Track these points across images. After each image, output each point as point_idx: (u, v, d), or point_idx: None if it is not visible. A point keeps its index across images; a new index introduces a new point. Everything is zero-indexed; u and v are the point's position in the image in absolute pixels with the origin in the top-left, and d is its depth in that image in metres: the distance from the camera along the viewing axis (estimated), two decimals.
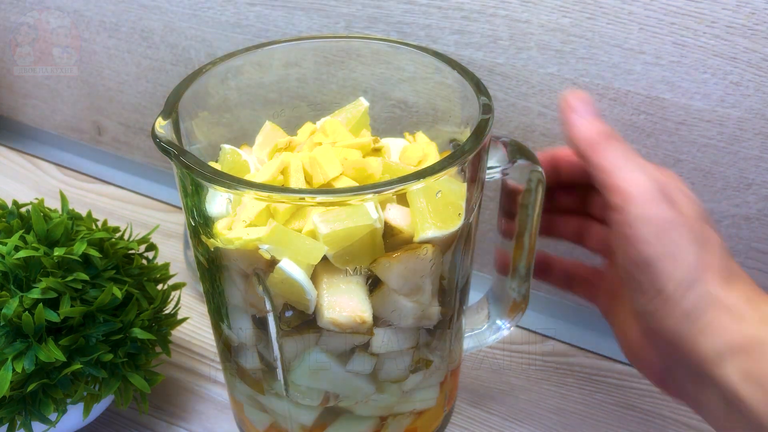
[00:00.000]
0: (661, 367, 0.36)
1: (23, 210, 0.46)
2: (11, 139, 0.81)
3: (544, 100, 0.48)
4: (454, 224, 0.33)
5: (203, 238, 0.34)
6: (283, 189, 0.32)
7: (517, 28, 0.47)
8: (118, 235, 0.47)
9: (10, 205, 0.47)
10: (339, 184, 0.34)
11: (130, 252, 0.47)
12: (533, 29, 0.46)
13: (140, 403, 0.45)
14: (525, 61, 0.48)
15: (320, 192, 0.32)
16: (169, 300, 0.47)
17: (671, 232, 0.32)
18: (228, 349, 0.39)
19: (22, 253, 0.40)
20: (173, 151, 0.31)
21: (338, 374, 0.35)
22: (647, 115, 0.46)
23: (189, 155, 0.31)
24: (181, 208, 0.69)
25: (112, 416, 0.49)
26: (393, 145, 0.39)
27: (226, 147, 0.39)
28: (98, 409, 0.45)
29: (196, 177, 0.30)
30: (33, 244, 0.41)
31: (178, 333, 0.54)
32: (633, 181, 0.33)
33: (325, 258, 0.31)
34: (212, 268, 0.35)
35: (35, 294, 0.39)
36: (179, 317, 0.48)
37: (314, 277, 0.32)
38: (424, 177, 0.30)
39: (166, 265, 0.48)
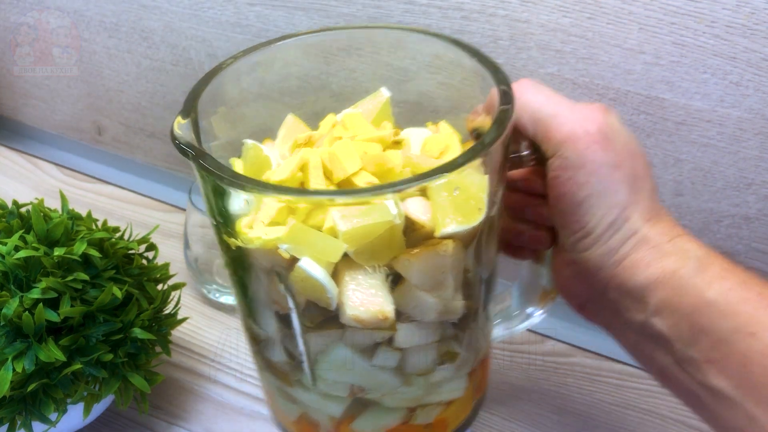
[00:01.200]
0: (584, 297, 0.38)
1: (23, 210, 0.46)
2: (11, 139, 0.81)
3: None
4: (475, 218, 0.32)
5: (225, 237, 0.34)
6: (302, 191, 0.32)
7: (517, 28, 0.47)
8: (118, 235, 0.47)
9: (10, 205, 0.47)
10: (359, 179, 0.33)
11: (130, 252, 0.47)
12: (533, 29, 0.46)
13: (140, 403, 0.45)
14: (525, 61, 0.48)
15: (339, 193, 0.32)
16: (169, 300, 0.47)
17: (603, 174, 0.33)
18: (256, 343, 0.39)
19: (22, 253, 0.40)
20: (192, 153, 0.31)
21: (364, 368, 0.35)
22: (647, 115, 0.46)
23: (208, 157, 0.31)
24: (181, 208, 0.69)
25: (112, 416, 0.49)
26: (415, 136, 0.38)
27: (248, 142, 0.38)
28: (98, 409, 0.45)
29: (215, 180, 0.30)
30: (33, 244, 0.41)
31: (178, 333, 0.54)
32: (565, 126, 0.33)
33: (345, 254, 0.31)
34: (236, 265, 0.35)
35: (35, 294, 0.39)
36: (179, 317, 0.48)
37: (335, 274, 0.32)
38: (445, 172, 0.29)
39: (166, 265, 0.48)
